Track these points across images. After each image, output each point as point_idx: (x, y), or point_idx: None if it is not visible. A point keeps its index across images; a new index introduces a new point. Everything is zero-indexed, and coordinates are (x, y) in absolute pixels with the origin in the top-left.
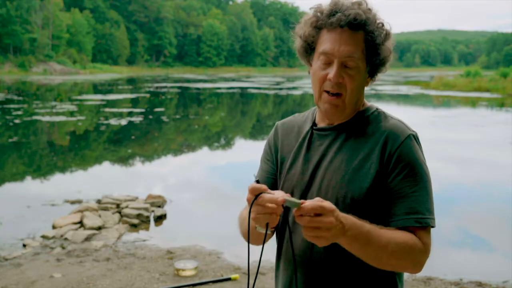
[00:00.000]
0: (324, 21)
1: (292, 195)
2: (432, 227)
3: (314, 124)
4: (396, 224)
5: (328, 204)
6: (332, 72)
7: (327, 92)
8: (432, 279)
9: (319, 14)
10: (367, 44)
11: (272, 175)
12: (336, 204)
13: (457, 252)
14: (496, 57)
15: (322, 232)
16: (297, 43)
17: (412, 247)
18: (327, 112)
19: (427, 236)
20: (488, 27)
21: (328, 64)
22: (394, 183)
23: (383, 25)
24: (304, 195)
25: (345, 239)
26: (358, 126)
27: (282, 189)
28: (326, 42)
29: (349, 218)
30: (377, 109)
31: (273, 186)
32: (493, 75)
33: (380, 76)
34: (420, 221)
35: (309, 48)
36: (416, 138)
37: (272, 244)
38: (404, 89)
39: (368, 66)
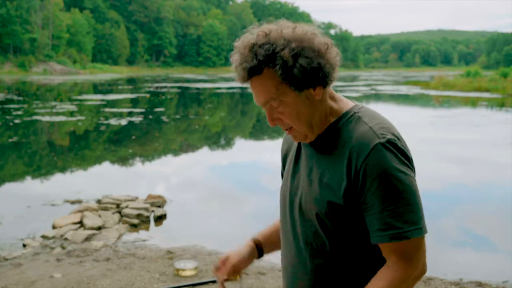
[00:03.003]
0: (237, 80)
1: (283, 204)
2: (418, 236)
3: None
4: (373, 241)
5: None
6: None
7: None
8: (432, 279)
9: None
10: (277, 75)
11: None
12: (315, 220)
13: (457, 252)
14: (496, 57)
15: None
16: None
17: (394, 285)
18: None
19: (412, 248)
20: (488, 27)
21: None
22: (367, 198)
23: (288, 43)
24: (291, 207)
25: None
26: (330, 138)
27: (281, 193)
28: (253, 96)
29: None
30: (354, 113)
31: None
32: (493, 75)
33: (335, 76)
34: (396, 236)
35: None
36: (387, 144)
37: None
38: (404, 89)
39: (295, 87)
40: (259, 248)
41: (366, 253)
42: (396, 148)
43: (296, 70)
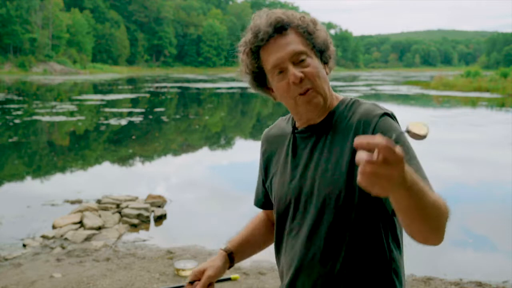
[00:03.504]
0: (256, 43)
1: (286, 202)
2: None
3: (294, 127)
4: None
5: (400, 153)
6: (290, 74)
7: (299, 95)
8: (432, 279)
9: (247, 42)
10: (302, 36)
11: (263, 189)
12: (327, 205)
13: (457, 252)
14: (496, 57)
15: (383, 181)
16: (248, 81)
17: (445, 210)
18: (310, 112)
19: None
20: (488, 27)
21: (283, 73)
22: None
23: (304, 16)
24: (296, 202)
25: (401, 193)
26: (334, 122)
27: (275, 198)
28: (270, 57)
29: (410, 173)
30: (351, 99)
31: (267, 197)
32: (493, 75)
33: (333, 62)
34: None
35: (260, 76)
36: (391, 116)
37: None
38: (404, 89)
39: (318, 53)
40: (231, 258)
41: (389, 228)
42: (396, 121)
43: (318, 36)
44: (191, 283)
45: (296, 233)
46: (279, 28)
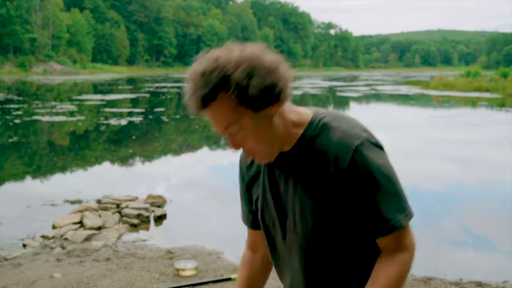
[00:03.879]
0: (192, 111)
1: (273, 227)
2: (409, 220)
3: None
4: (373, 237)
5: None
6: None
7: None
8: (432, 279)
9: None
10: (229, 99)
11: (249, 207)
12: (310, 236)
13: (457, 252)
14: (496, 57)
15: None
16: None
17: (401, 277)
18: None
19: (406, 233)
20: (488, 27)
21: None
22: (359, 199)
23: (234, 71)
24: (283, 228)
25: None
26: (305, 152)
27: (261, 222)
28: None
29: None
30: (319, 121)
31: (254, 215)
32: (493, 75)
33: (290, 91)
34: (392, 228)
35: None
36: (365, 143)
37: None
38: (404, 89)
39: (252, 108)
40: None
41: (368, 249)
42: (373, 144)
43: (251, 90)
44: None
45: (287, 255)
46: (206, 101)
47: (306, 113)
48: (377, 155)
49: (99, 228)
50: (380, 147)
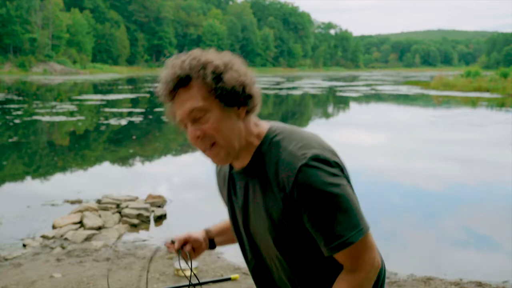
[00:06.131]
0: (162, 97)
1: (240, 238)
2: (361, 237)
3: (231, 166)
4: (325, 254)
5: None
6: (188, 133)
7: (205, 149)
8: (432, 279)
9: (159, 94)
10: (204, 87)
11: None
12: (273, 246)
13: (457, 252)
14: (496, 57)
15: None
16: None
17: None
18: (220, 164)
19: (361, 250)
20: (488, 27)
21: (187, 128)
22: (307, 218)
23: (210, 63)
24: (251, 242)
25: None
26: (258, 164)
27: (234, 230)
28: (176, 112)
29: None
30: (272, 137)
31: None
32: (493, 75)
33: (255, 99)
34: (342, 245)
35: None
36: (310, 163)
37: None
38: (404, 89)
39: (222, 102)
40: (210, 240)
41: (327, 263)
42: (320, 162)
43: (225, 82)
44: (172, 242)
45: (254, 263)
46: (180, 83)
47: (264, 127)
48: (323, 173)
49: (99, 228)
50: (331, 163)
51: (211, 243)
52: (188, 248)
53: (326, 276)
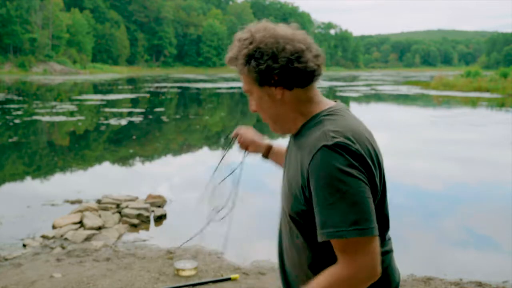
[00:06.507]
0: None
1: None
2: (357, 236)
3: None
4: (318, 238)
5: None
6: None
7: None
8: (432, 279)
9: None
10: (244, 71)
11: None
12: (288, 216)
13: (457, 252)
14: (496, 57)
15: None
16: None
17: (336, 282)
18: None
19: (354, 248)
20: (488, 27)
21: None
22: (313, 197)
23: (246, 47)
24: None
25: None
26: (300, 140)
27: None
28: None
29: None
30: (321, 116)
31: None
32: (493, 75)
33: (307, 80)
34: (331, 234)
35: None
36: (333, 147)
37: (273, 243)
38: (404, 89)
39: (257, 82)
40: (268, 149)
41: (326, 250)
42: (344, 150)
43: (250, 68)
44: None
45: (279, 226)
46: (232, 64)
47: (323, 106)
48: (340, 159)
49: (99, 228)
50: (356, 155)
51: (266, 152)
52: (243, 139)
53: (321, 261)
